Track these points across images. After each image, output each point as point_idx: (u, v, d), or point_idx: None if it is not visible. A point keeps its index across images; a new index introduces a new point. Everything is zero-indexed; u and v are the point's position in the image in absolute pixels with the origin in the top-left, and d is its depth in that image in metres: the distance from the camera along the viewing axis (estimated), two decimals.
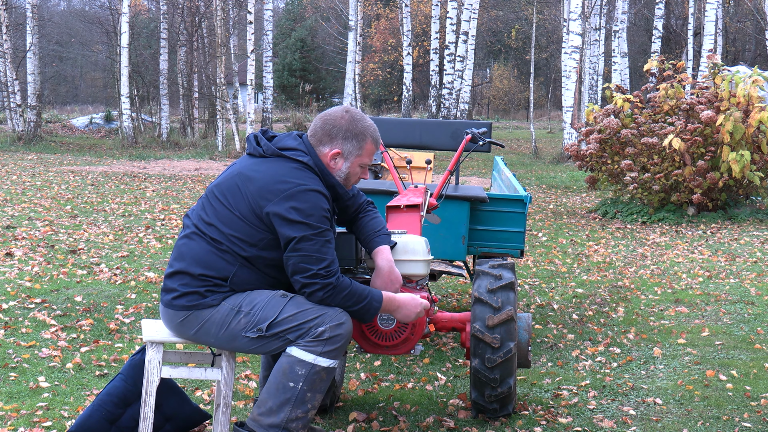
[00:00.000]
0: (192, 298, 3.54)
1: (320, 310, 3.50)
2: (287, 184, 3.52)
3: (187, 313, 3.56)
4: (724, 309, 6.94)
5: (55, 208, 11.41)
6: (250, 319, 3.49)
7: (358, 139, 3.67)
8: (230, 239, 3.53)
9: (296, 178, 3.54)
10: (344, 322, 3.51)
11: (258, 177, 3.56)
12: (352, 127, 3.67)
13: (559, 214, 13.09)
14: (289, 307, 3.50)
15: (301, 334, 3.47)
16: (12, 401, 4.43)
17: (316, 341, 3.46)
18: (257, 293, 3.55)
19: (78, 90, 49.42)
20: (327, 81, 49.14)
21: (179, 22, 26.70)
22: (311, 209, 3.49)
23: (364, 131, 3.68)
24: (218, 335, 3.54)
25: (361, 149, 3.68)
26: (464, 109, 27.51)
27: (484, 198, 5.44)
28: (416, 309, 3.75)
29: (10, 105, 24.37)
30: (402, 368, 5.27)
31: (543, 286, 7.85)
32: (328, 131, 3.66)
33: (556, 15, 33.37)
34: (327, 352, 3.47)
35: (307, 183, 3.53)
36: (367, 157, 3.71)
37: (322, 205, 3.52)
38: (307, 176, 3.57)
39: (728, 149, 11.60)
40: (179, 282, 3.56)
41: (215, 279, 3.54)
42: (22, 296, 6.57)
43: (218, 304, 3.53)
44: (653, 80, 13.67)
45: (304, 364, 3.45)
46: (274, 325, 3.48)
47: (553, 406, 4.60)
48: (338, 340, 3.48)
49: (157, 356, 3.63)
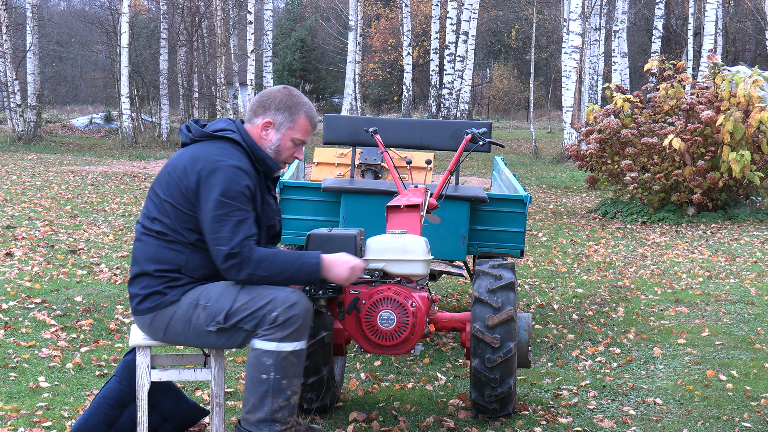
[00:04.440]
0: (154, 299, 3.55)
1: (270, 295, 3.45)
2: (207, 161, 3.52)
3: (153, 315, 3.57)
4: (724, 309, 6.94)
5: (55, 208, 11.41)
6: (208, 312, 3.49)
7: (291, 111, 3.66)
8: (173, 229, 3.53)
9: (217, 155, 3.53)
10: (297, 302, 3.45)
11: (183, 160, 3.58)
12: (287, 100, 3.67)
13: (559, 214, 13.09)
14: (242, 295, 3.47)
15: (257, 323, 3.44)
16: (12, 401, 4.43)
17: (273, 328, 3.42)
18: (213, 285, 3.54)
19: (78, 90, 49.40)
20: (327, 81, 49.13)
21: (179, 22, 26.70)
22: (227, 185, 3.46)
23: (298, 105, 3.67)
24: (185, 333, 3.54)
25: (294, 122, 3.66)
26: (464, 109, 27.51)
27: (484, 198, 5.44)
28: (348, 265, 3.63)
29: (10, 105, 24.37)
30: (402, 368, 5.27)
31: (543, 286, 7.85)
32: (263, 102, 3.67)
33: (556, 15, 33.37)
34: (287, 335, 3.43)
35: (226, 159, 3.52)
36: (299, 132, 3.68)
37: (240, 182, 3.49)
38: (229, 153, 3.56)
39: (728, 149, 11.60)
40: (140, 285, 3.58)
41: (171, 273, 3.54)
42: (22, 296, 6.57)
43: (179, 300, 3.53)
44: (653, 80, 13.67)
45: (269, 354, 3.43)
46: (230, 316, 3.46)
47: (553, 406, 4.60)
48: (294, 321, 3.44)
49: (145, 360, 3.63)
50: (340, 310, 4.06)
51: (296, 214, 5.54)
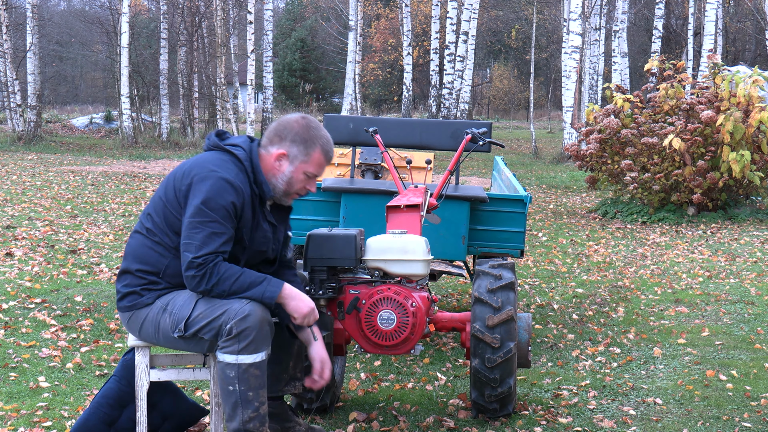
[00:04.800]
0: (131, 299, 3.56)
1: (224, 306, 3.42)
2: (202, 168, 3.51)
3: (130, 314, 3.58)
4: (724, 309, 6.94)
5: (55, 208, 11.41)
6: (172, 318, 3.49)
7: (307, 144, 3.60)
8: (161, 229, 3.54)
9: (214, 165, 3.52)
10: (249, 314, 3.39)
11: (187, 163, 3.59)
12: (304, 132, 3.61)
13: (559, 214, 13.09)
14: (199, 305, 3.46)
15: (214, 334, 3.43)
16: (12, 401, 4.43)
17: (229, 340, 3.40)
18: (181, 292, 3.53)
19: (78, 90, 49.40)
20: (327, 81, 49.14)
21: (179, 22, 26.69)
22: (212, 195, 3.44)
23: (314, 139, 3.61)
24: (156, 336, 3.55)
25: (308, 156, 3.60)
26: (464, 109, 27.51)
27: (484, 198, 5.44)
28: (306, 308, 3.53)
29: (10, 105, 24.37)
30: (402, 368, 5.27)
31: (543, 286, 7.85)
32: (280, 132, 3.62)
33: (556, 15, 33.37)
34: (244, 348, 3.40)
35: (220, 171, 3.49)
36: (313, 166, 3.62)
37: (225, 195, 3.45)
38: (227, 166, 3.52)
39: (728, 149, 11.60)
40: (122, 283, 3.60)
41: (150, 275, 3.54)
42: (22, 296, 6.57)
43: (152, 303, 3.54)
44: (653, 80, 13.67)
45: (231, 367, 3.41)
46: (189, 325, 3.45)
47: (553, 406, 4.60)
48: (248, 333, 3.39)
49: (144, 360, 3.64)
50: (340, 310, 4.06)
51: (296, 214, 5.53)
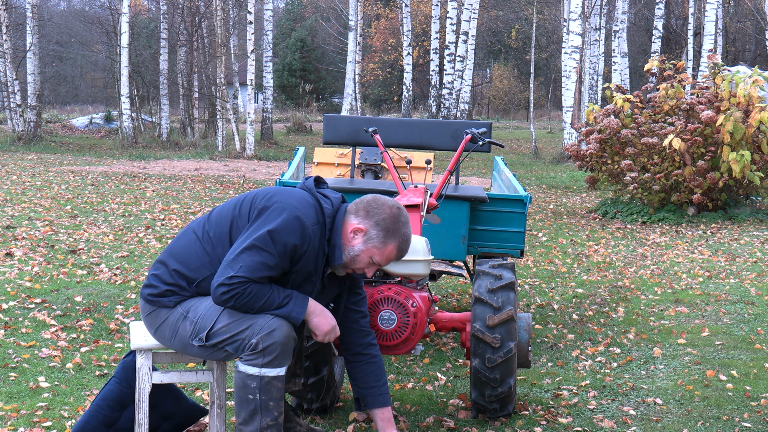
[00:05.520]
0: (152, 292, 3.54)
1: (250, 320, 3.40)
2: (286, 200, 3.47)
3: (150, 308, 3.57)
4: (724, 309, 6.94)
5: (55, 208, 11.41)
6: (193, 327, 3.47)
7: (387, 233, 3.53)
8: (220, 238, 3.51)
9: (296, 202, 3.47)
10: (275, 329, 3.39)
11: (271, 189, 3.56)
12: (391, 221, 3.53)
13: (559, 214, 13.09)
14: (223, 317, 3.43)
15: (237, 347, 3.42)
16: (12, 401, 4.43)
17: (254, 354, 3.39)
18: (203, 299, 3.50)
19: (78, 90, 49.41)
20: (327, 81, 49.14)
21: (179, 22, 26.69)
22: (282, 229, 3.40)
23: (397, 233, 3.54)
24: (171, 340, 3.55)
25: (383, 244, 3.53)
26: (464, 109, 27.51)
27: (484, 198, 5.44)
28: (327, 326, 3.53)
29: (10, 105, 24.36)
30: (402, 368, 5.27)
31: (543, 286, 7.85)
32: (371, 209, 3.55)
33: (556, 15, 33.37)
34: (268, 362, 3.40)
35: (299, 211, 3.44)
36: (382, 256, 3.54)
37: (293, 237, 3.40)
38: (309, 211, 3.47)
39: (728, 149, 11.60)
40: (154, 273, 3.57)
41: (183, 279, 3.51)
42: (22, 296, 6.57)
43: (173, 307, 3.52)
44: (653, 80, 13.67)
45: (253, 378, 3.41)
46: (212, 336, 3.44)
47: (553, 406, 4.60)
48: (273, 349, 3.39)
49: (146, 363, 3.63)
50: None
51: None
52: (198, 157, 21.46)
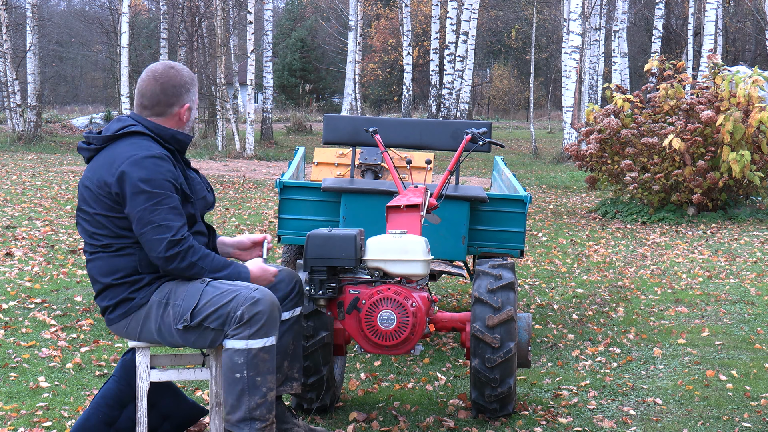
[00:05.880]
0: (123, 306, 3.56)
1: (232, 293, 3.45)
2: (122, 160, 3.48)
3: (127, 321, 3.58)
4: (724, 309, 6.94)
5: (55, 208, 11.41)
6: (176, 310, 3.49)
7: (194, 83, 3.67)
8: (116, 237, 3.52)
9: (129, 151, 3.50)
10: (259, 299, 3.44)
11: (96, 169, 3.54)
12: (184, 79, 3.63)
13: (559, 214, 13.09)
14: (206, 292, 3.47)
15: (222, 321, 3.44)
16: (12, 401, 4.43)
17: (240, 326, 3.42)
18: (182, 284, 3.53)
19: (78, 90, 49.42)
20: (327, 81, 49.14)
21: (179, 22, 26.69)
22: (151, 175, 3.45)
23: (192, 75, 3.68)
24: (159, 332, 3.55)
25: (196, 93, 3.70)
26: (464, 109, 27.51)
27: (484, 198, 5.44)
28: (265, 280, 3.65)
29: (10, 105, 24.36)
30: (402, 368, 5.27)
31: (543, 286, 7.85)
32: (175, 92, 3.61)
33: (556, 15, 33.37)
34: (255, 333, 3.43)
35: (141, 151, 3.49)
36: (197, 96, 3.73)
37: (161, 169, 3.47)
38: (140, 145, 3.52)
39: (728, 149, 11.60)
40: (106, 298, 3.58)
41: (129, 277, 3.53)
42: (22, 296, 6.57)
43: (148, 300, 3.54)
44: (653, 80, 13.67)
45: (240, 353, 3.43)
46: (196, 314, 3.46)
47: (553, 406, 4.60)
48: (259, 318, 3.43)
49: (144, 361, 3.64)
50: (340, 310, 4.06)
51: (296, 214, 5.54)
52: (198, 157, 21.46)
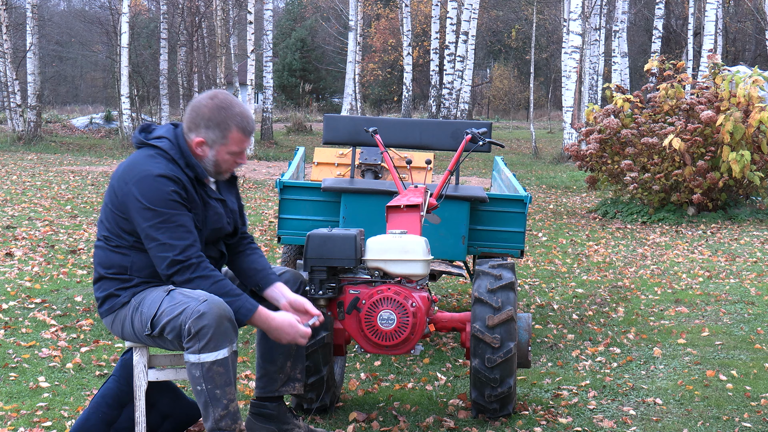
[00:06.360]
0: (109, 301, 3.59)
1: (183, 305, 3.41)
2: (133, 172, 3.51)
3: (111, 317, 3.61)
4: (724, 309, 6.94)
5: (55, 208, 11.41)
6: (141, 317, 3.51)
7: (221, 128, 3.56)
8: (114, 233, 3.56)
9: (143, 164, 3.51)
10: (204, 313, 3.36)
11: (120, 168, 3.60)
12: (215, 115, 3.55)
13: (559, 214, 13.09)
14: (164, 302, 3.46)
15: (177, 334, 3.43)
16: (12, 401, 4.43)
17: (191, 340, 3.40)
18: (152, 290, 3.54)
19: (78, 90, 49.42)
20: (327, 81, 49.14)
21: (179, 22, 26.70)
22: (155, 195, 3.45)
23: (227, 120, 3.56)
24: (134, 334, 3.58)
25: (226, 138, 3.57)
26: (464, 109, 27.51)
27: (484, 198, 5.44)
28: (289, 336, 3.61)
29: (10, 105, 24.36)
30: (402, 368, 5.27)
31: (543, 286, 7.85)
32: (193, 118, 3.59)
33: (556, 15, 33.37)
34: (204, 346, 3.38)
35: (152, 169, 3.49)
36: (234, 145, 3.59)
37: (166, 188, 3.46)
38: (155, 162, 3.51)
39: (728, 149, 11.60)
40: (99, 289, 3.63)
41: (120, 275, 3.56)
42: (22, 296, 6.57)
43: (129, 301, 3.56)
44: (653, 80, 13.67)
45: (195, 366, 3.41)
46: (156, 323, 3.47)
47: (553, 406, 4.60)
48: (205, 332, 3.37)
49: (142, 360, 3.64)
50: (340, 310, 4.06)
51: (296, 214, 5.54)
52: None
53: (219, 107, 3.56)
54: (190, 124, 3.60)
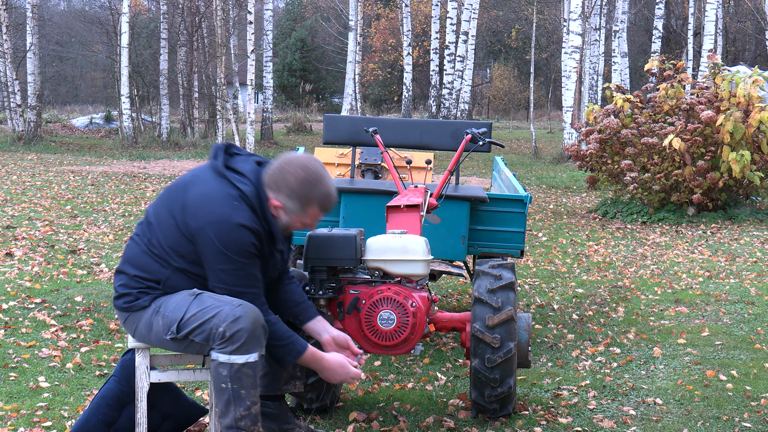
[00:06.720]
0: (127, 300, 3.56)
1: (216, 308, 3.41)
2: (213, 212, 3.44)
3: (126, 315, 3.59)
4: (724, 309, 6.94)
5: (55, 208, 11.41)
6: (165, 321, 3.49)
7: (303, 202, 3.52)
8: (163, 248, 3.51)
9: (225, 207, 3.45)
10: (240, 317, 3.38)
11: (193, 190, 3.51)
12: (300, 189, 3.50)
13: (559, 214, 13.09)
14: (193, 306, 3.46)
15: (206, 336, 3.43)
16: (12, 401, 4.43)
17: (222, 342, 3.40)
18: (174, 295, 3.52)
19: (78, 90, 49.40)
20: (327, 81, 49.13)
21: (179, 22, 26.69)
22: (234, 244, 3.42)
23: (310, 197, 3.52)
24: (149, 337, 3.56)
25: (304, 212, 3.55)
26: (464, 109, 27.50)
27: (484, 198, 5.44)
28: (340, 377, 3.66)
29: (10, 105, 24.36)
30: (402, 368, 5.27)
31: (543, 286, 7.85)
32: (278, 182, 3.51)
33: (556, 15, 33.37)
34: (236, 349, 3.40)
35: (234, 216, 3.43)
36: (309, 219, 3.57)
37: (246, 240, 3.43)
38: (237, 207, 3.45)
39: (728, 149, 11.60)
40: (119, 282, 3.60)
41: (149, 281, 3.53)
42: (22, 296, 6.57)
43: (148, 305, 3.54)
44: (653, 80, 13.67)
45: (223, 366, 3.42)
46: (182, 327, 3.46)
47: (553, 406, 4.60)
48: (240, 335, 3.39)
49: (144, 361, 3.64)
50: (340, 310, 4.06)
51: None
52: (198, 157, 21.46)
53: (307, 182, 3.51)
54: (273, 185, 3.52)
